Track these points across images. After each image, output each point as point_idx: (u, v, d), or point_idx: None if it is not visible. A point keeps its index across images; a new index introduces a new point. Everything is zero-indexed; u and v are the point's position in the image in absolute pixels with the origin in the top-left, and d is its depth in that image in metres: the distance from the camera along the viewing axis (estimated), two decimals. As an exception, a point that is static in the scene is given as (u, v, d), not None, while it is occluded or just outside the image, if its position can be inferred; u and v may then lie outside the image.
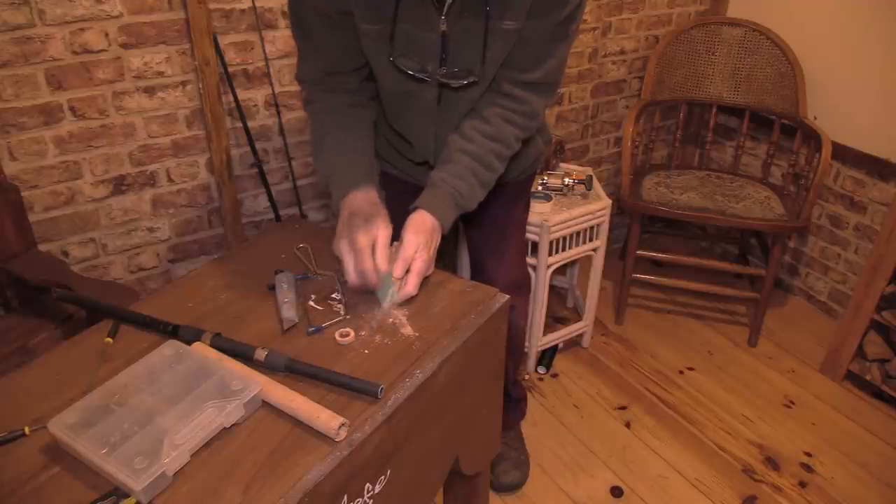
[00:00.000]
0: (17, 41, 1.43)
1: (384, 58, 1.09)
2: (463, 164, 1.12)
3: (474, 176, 1.13)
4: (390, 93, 1.19)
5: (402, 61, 1.08)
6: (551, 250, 1.97)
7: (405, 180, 1.38)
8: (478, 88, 1.13)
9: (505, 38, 1.06)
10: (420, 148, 1.26)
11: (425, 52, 1.07)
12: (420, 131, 1.23)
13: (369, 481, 0.81)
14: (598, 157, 2.65)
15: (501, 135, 1.14)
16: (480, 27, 1.03)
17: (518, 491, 1.77)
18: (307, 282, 1.06)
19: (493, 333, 1.03)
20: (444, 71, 1.09)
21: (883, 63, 2.10)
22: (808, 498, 1.79)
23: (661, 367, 2.24)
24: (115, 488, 0.71)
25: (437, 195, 1.10)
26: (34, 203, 1.58)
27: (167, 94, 1.65)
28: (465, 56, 1.07)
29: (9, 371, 0.89)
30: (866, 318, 2.04)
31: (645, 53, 2.49)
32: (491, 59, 1.09)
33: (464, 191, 1.11)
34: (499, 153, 1.15)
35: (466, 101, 1.16)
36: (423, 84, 1.12)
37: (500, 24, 1.04)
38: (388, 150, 1.36)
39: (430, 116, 1.19)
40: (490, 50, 1.07)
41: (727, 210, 2.16)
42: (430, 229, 1.05)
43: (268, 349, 0.87)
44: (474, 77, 1.09)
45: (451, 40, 1.05)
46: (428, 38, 1.05)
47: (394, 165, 1.38)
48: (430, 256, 1.03)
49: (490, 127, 1.14)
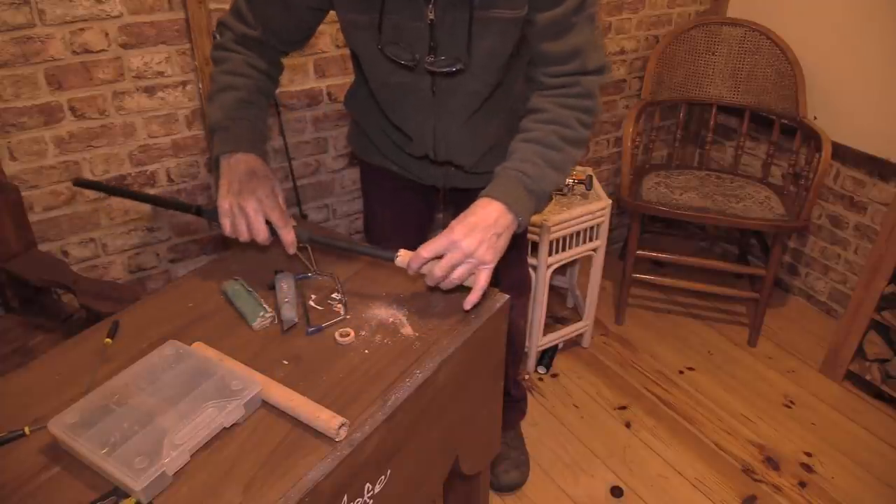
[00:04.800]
0: (17, 41, 1.43)
1: (373, 47, 1.08)
2: (524, 149, 1.06)
3: (538, 156, 1.05)
4: (383, 84, 1.18)
5: (391, 49, 1.07)
6: (551, 250, 1.97)
7: (404, 176, 1.38)
8: (470, 79, 1.12)
9: (498, 27, 1.04)
10: (419, 141, 1.25)
11: (414, 40, 1.06)
12: (417, 123, 1.22)
13: (369, 481, 0.81)
14: (598, 157, 2.65)
15: (558, 117, 1.08)
16: (467, 15, 1.03)
17: (518, 491, 1.77)
18: (307, 282, 1.06)
19: (493, 333, 1.03)
20: (432, 59, 1.08)
21: (883, 63, 2.10)
22: (808, 498, 1.79)
23: (661, 367, 2.24)
24: (115, 488, 0.71)
25: (500, 181, 1.02)
26: (34, 203, 1.58)
27: (167, 94, 1.65)
28: (454, 45, 1.06)
29: (9, 371, 0.89)
30: (866, 318, 2.04)
31: (645, 53, 2.49)
32: (483, 49, 1.07)
33: (531, 172, 1.03)
34: (561, 134, 1.08)
35: (462, 91, 1.15)
36: (416, 74, 1.11)
37: (488, 12, 1.02)
38: (387, 145, 1.35)
39: (426, 107, 1.18)
40: (479, 38, 1.05)
41: (727, 210, 2.16)
42: (494, 221, 0.97)
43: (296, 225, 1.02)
44: (461, 65, 1.07)
45: (439, 29, 1.05)
46: (416, 27, 1.04)
47: (393, 161, 1.37)
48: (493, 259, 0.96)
49: (545, 113, 1.09)
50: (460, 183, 1.37)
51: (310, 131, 1.90)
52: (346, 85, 1.89)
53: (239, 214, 1.01)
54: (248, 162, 1.05)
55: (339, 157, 1.99)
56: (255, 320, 0.95)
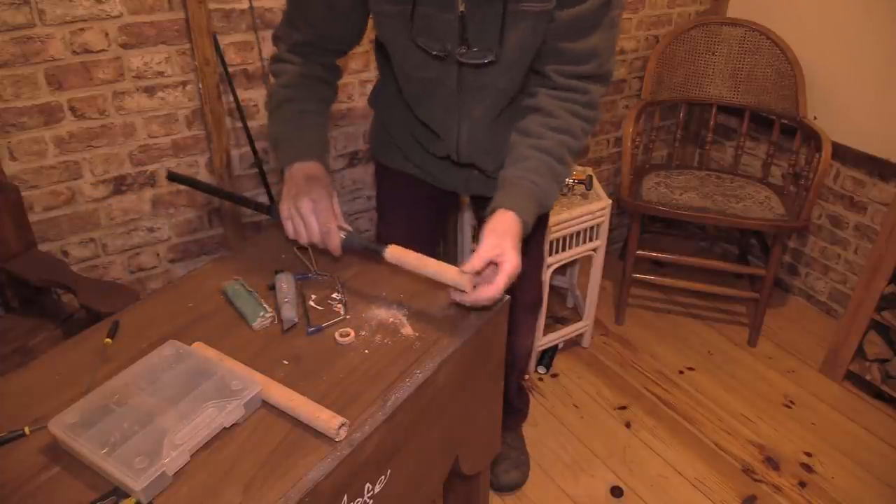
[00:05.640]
0: (17, 41, 1.43)
1: (404, 38, 1.09)
2: (537, 159, 1.07)
3: (549, 170, 1.08)
4: (411, 78, 1.18)
5: (423, 40, 1.08)
6: (551, 250, 1.97)
7: (426, 181, 1.38)
8: (498, 72, 1.12)
9: (529, 21, 1.04)
10: (445, 140, 1.25)
11: (445, 32, 1.07)
12: (443, 121, 1.22)
13: (369, 481, 0.81)
14: (598, 157, 2.65)
15: (569, 126, 1.10)
16: (499, 8, 1.03)
17: (518, 491, 1.77)
18: (307, 282, 1.06)
19: (493, 333, 1.03)
20: (463, 50, 1.08)
21: (883, 63, 2.10)
22: (808, 498, 1.79)
23: (661, 367, 2.24)
24: (115, 488, 0.71)
25: (517, 192, 1.04)
26: (34, 203, 1.58)
27: (167, 94, 1.65)
28: (485, 37, 1.06)
29: (9, 371, 0.89)
30: (866, 318, 2.04)
31: (645, 53, 2.49)
32: (513, 42, 1.07)
33: (543, 185, 1.06)
34: (569, 146, 1.11)
35: (488, 89, 1.15)
36: (444, 66, 1.12)
37: (520, 5, 1.03)
38: (411, 145, 1.35)
39: (451, 105, 1.18)
40: (510, 31, 1.05)
41: (727, 210, 2.16)
42: (511, 228, 0.99)
43: None
44: (493, 56, 1.07)
45: (469, 20, 1.05)
46: (446, 19, 1.05)
47: (414, 164, 1.37)
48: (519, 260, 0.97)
49: (557, 120, 1.10)
50: (481, 189, 1.36)
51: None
52: (347, 85, 1.90)
53: (296, 216, 1.03)
54: (307, 169, 1.08)
55: (339, 157, 1.99)
56: (255, 320, 0.96)
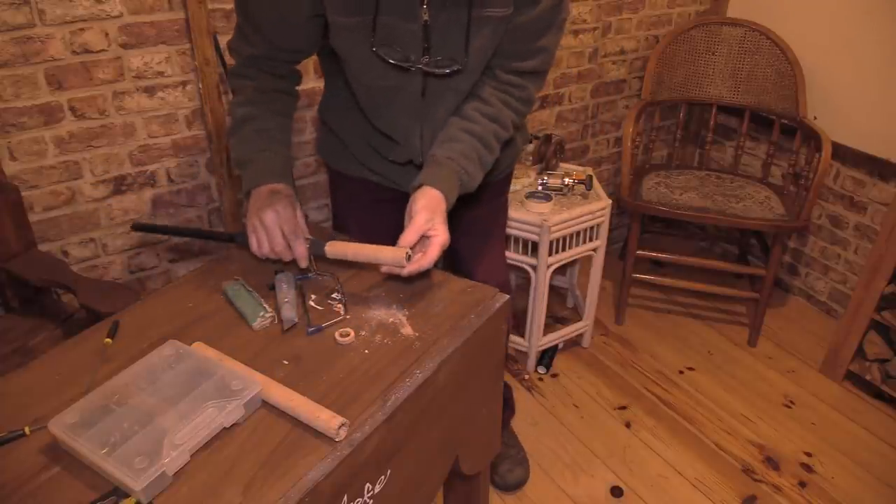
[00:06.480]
0: (17, 41, 1.43)
1: (365, 49, 1.06)
2: (467, 142, 1.12)
3: (477, 156, 1.13)
4: (371, 88, 1.16)
5: (385, 51, 1.06)
6: (551, 250, 1.97)
7: (386, 186, 1.34)
8: (463, 78, 1.12)
9: (490, 26, 1.06)
10: (406, 146, 1.23)
11: (408, 42, 1.06)
12: (405, 128, 1.20)
13: (369, 481, 0.81)
14: (598, 157, 2.65)
15: (501, 116, 1.15)
16: (463, 16, 1.03)
17: (518, 491, 1.77)
18: (307, 282, 1.07)
19: (493, 333, 1.03)
20: (427, 60, 1.08)
21: (883, 63, 2.10)
22: (808, 498, 1.79)
23: (661, 367, 2.24)
24: (115, 488, 0.71)
25: (442, 172, 1.08)
26: (34, 203, 1.58)
27: (167, 94, 1.65)
28: (449, 45, 1.06)
29: (9, 371, 0.89)
30: (866, 318, 2.04)
31: (645, 53, 2.49)
32: (477, 48, 1.08)
33: (469, 170, 1.11)
34: (498, 135, 1.16)
35: (452, 92, 1.15)
36: (408, 76, 1.10)
37: (484, 11, 1.04)
38: (368, 154, 1.31)
39: (414, 111, 1.17)
40: (474, 38, 1.06)
41: (727, 210, 2.16)
42: (439, 205, 1.04)
43: None
44: (458, 65, 1.08)
45: (433, 30, 1.05)
46: (409, 29, 1.04)
47: (373, 171, 1.33)
48: (448, 234, 1.03)
49: (491, 108, 1.14)
50: None
51: (310, 131, 1.90)
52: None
53: (259, 228, 1.05)
54: (272, 187, 1.10)
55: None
56: (255, 320, 0.96)
